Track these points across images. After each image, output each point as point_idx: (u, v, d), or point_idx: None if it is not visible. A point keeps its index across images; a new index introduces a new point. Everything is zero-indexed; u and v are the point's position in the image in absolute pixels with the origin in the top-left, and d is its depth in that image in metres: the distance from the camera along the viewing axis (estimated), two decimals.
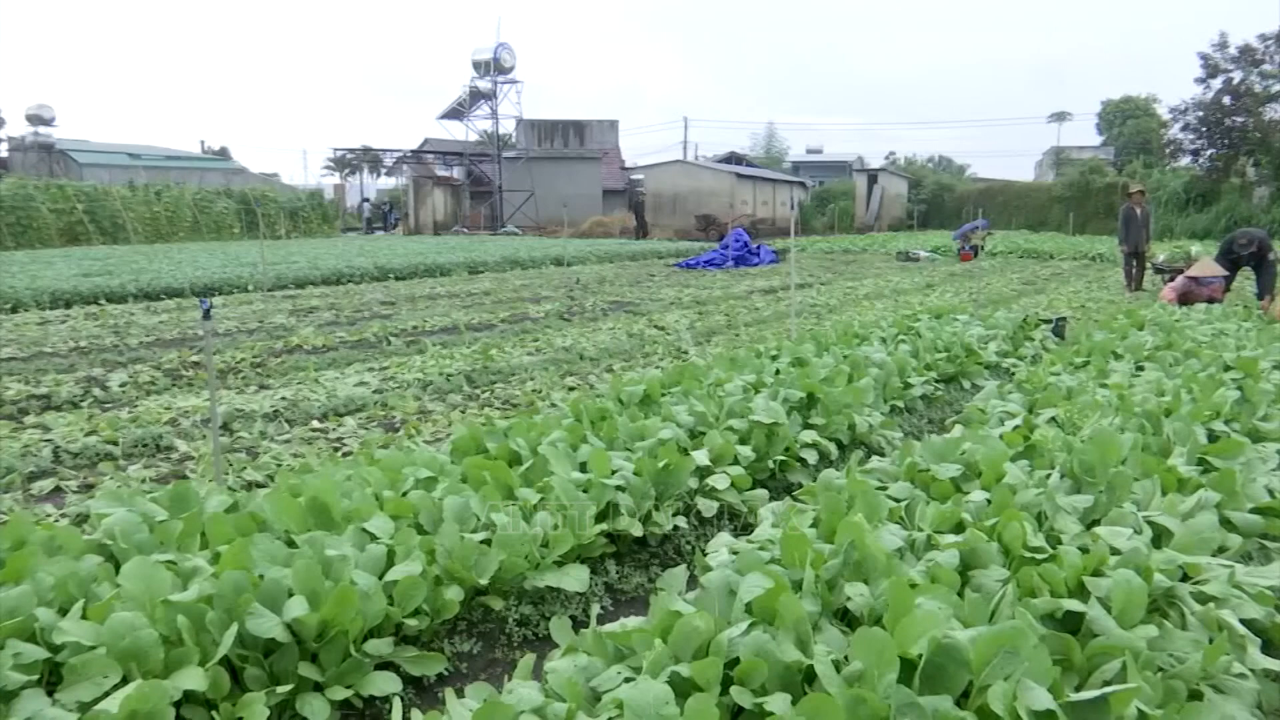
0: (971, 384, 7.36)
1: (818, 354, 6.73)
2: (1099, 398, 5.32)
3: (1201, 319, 9.37)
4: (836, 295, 14.88)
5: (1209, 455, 4.39)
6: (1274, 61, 34.46)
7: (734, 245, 22.85)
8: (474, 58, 44.96)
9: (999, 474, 3.81)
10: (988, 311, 10.50)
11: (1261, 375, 6.33)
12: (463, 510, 3.56)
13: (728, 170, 45.18)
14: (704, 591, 2.78)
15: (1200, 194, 35.82)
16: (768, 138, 70.00)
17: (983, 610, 2.60)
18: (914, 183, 51.23)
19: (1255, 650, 2.91)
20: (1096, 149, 57.72)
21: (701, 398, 5.24)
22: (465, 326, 10.91)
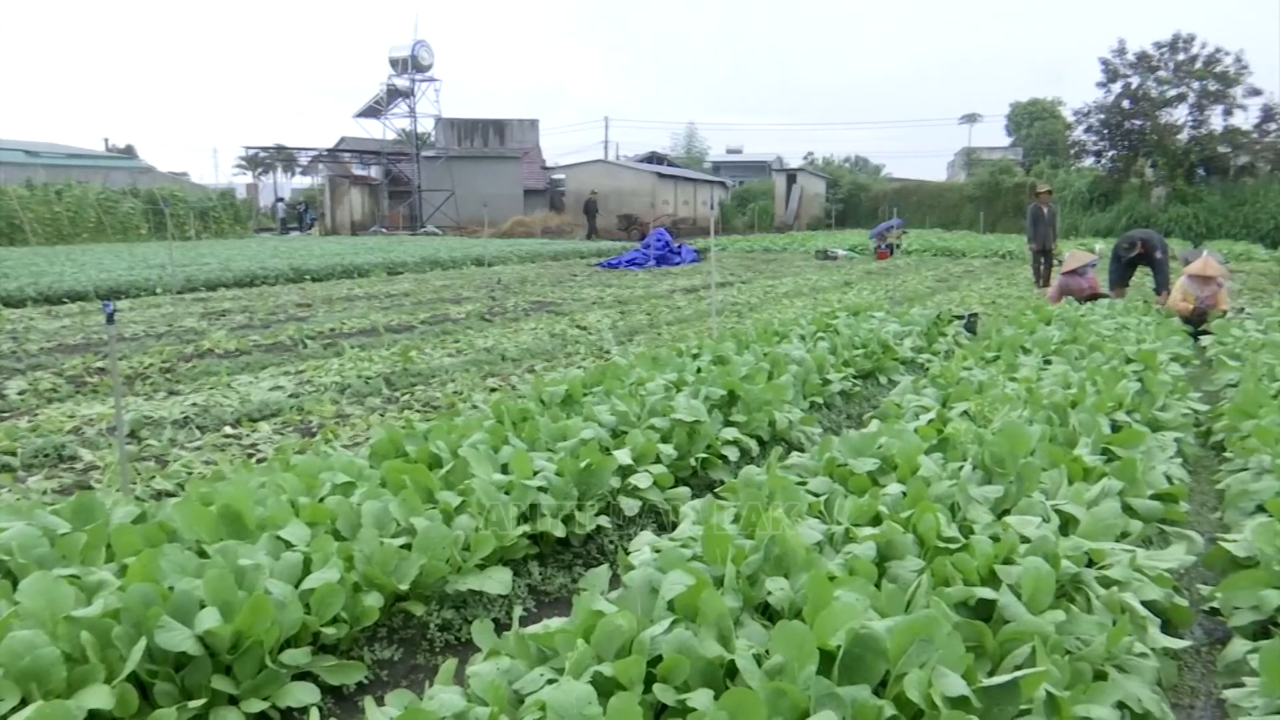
0: (888, 379, 7.52)
1: (739, 352, 6.80)
2: (1009, 391, 5.48)
3: (1105, 314, 9.73)
4: (757, 293, 15.05)
5: (1112, 445, 4.56)
6: (1168, 68, 35.98)
7: (655, 245, 22.94)
8: (391, 55, 44.23)
9: (914, 467, 3.89)
10: (903, 308, 10.74)
11: (1160, 367, 6.61)
12: (382, 515, 3.50)
13: (649, 170, 45.33)
14: (627, 590, 2.78)
15: (1103, 193, 37.21)
16: (688, 137, 70.42)
17: (899, 600, 2.66)
18: (832, 182, 52.06)
19: (1155, 630, 3.04)
20: (1006, 149, 59.43)
21: (623, 397, 5.25)
22: (384, 328, 10.74)
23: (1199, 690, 3.13)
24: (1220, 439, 5.64)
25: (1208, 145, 35.35)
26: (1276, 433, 4.76)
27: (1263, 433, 4.84)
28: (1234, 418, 5.50)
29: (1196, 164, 35.76)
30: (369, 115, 46.05)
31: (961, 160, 61.63)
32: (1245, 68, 34.97)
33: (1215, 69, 35.17)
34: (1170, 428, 5.43)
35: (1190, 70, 35.50)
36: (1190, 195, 35.17)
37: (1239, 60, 34.98)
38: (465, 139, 49.06)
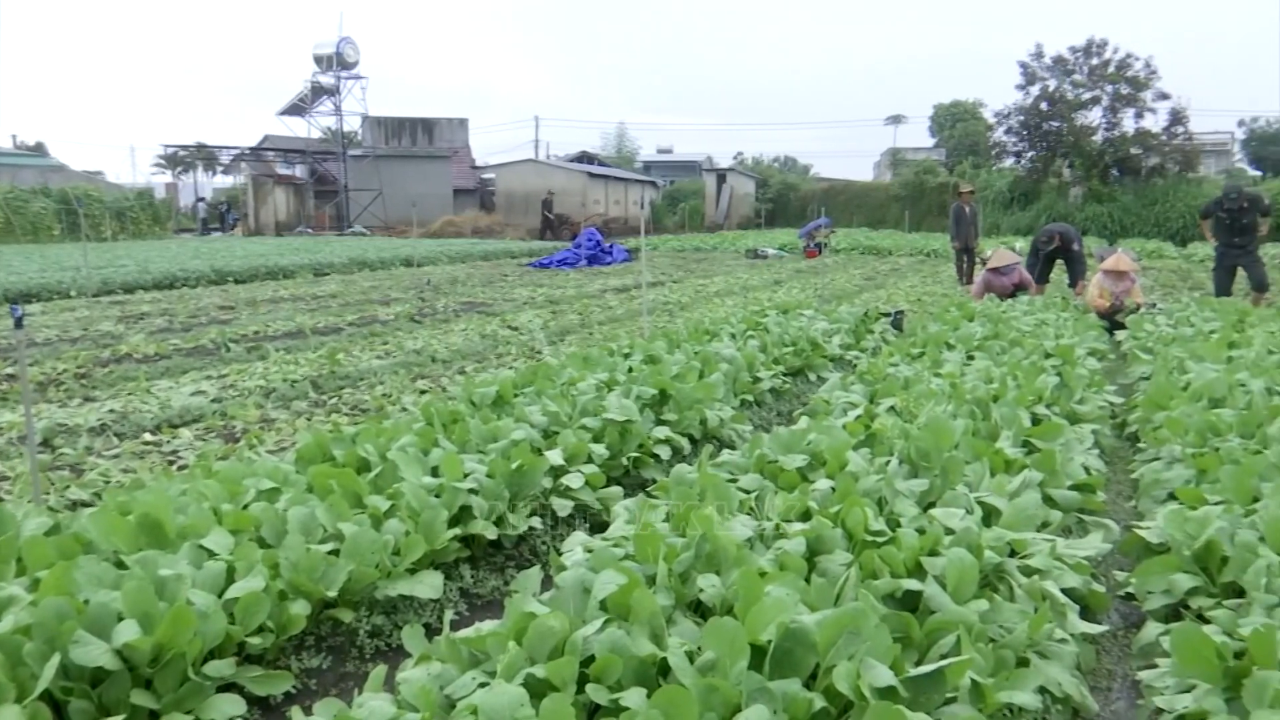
0: (817, 376, 7.62)
1: (670, 351, 6.83)
2: (934, 386, 5.60)
3: (1025, 310, 10.00)
4: (688, 293, 15.13)
5: (1032, 437, 4.69)
6: (1083, 71, 37.16)
7: (587, 244, 22.93)
8: (315, 52, 43.42)
9: (842, 462, 3.95)
10: (831, 306, 10.90)
11: (1077, 362, 6.81)
12: (308, 521, 3.44)
13: (580, 169, 45.24)
14: (559, 591, 2.77)
15: (1023, 193, 38.28)
16: (619, 137, 70.47)
17: (828, 594, 2.70)
18: (761, 182, 52.58)
19: (1074, 616, 3.14)
20: (930, 150, 60.64)
21: (555, 397, 5.23)
22: (311, 330, 10.54)
23: (1116, 673, 3.23)
24: (1134, 430, 5.84)
25: (1121, 147, 36.59)
26: (1186, 423, 4.94)
27: (1173, 423, 5.02)
28: (1147, 409, 5.70)
29: (1111, 165, 37.01)
30: (293, 113, 45.16)
31: (887, 160, 62.71)
32: (1154, 72, 36.33)
33: (1127, 73, 36.44)
34: (1087, 420, 5.60)
35: (1104, 74, 36.73)
36: (1105, 195, 36.38)
37: (1148, 65, 36.32)
38: (393, 138, 48.42)
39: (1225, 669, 2.54)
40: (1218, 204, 12.34)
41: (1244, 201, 11.96)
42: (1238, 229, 12.05)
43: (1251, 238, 12.11)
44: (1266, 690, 2.27)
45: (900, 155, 60.29)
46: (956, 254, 16.42)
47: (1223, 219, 12.14)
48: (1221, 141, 57.14)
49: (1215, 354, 7.04)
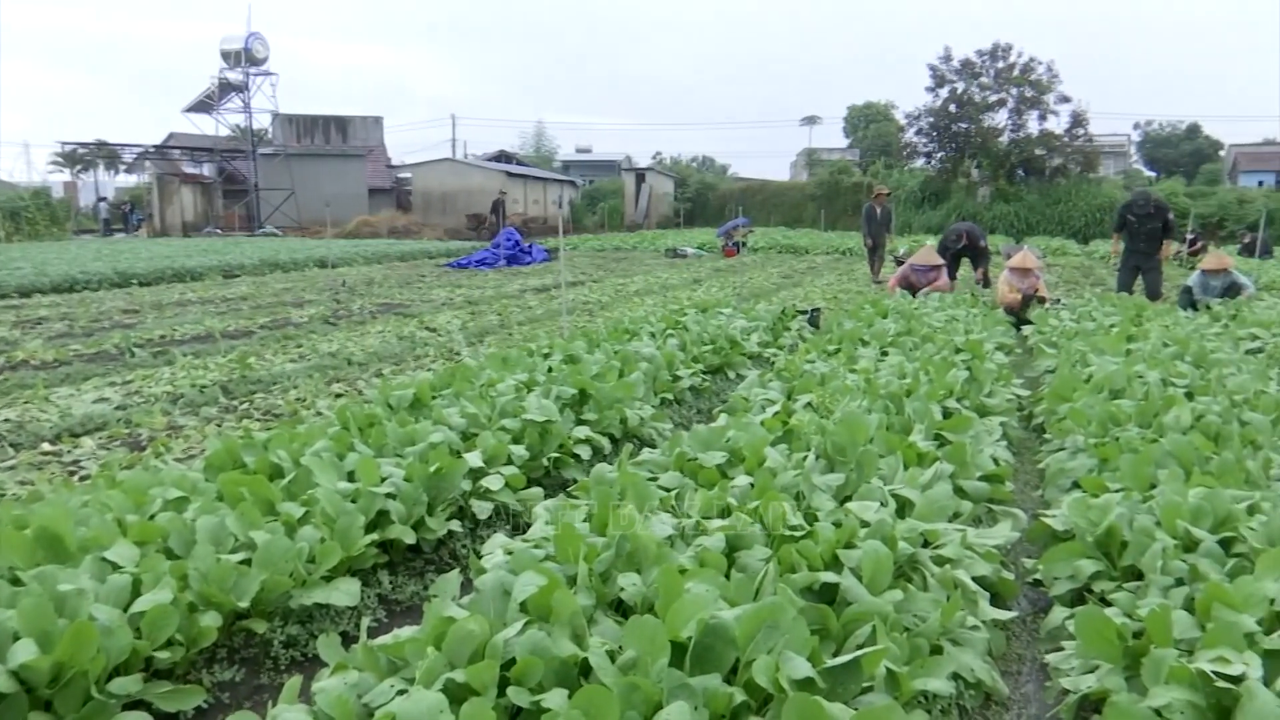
0: (736, 374, 7.70)
1: (589, 351, 6.82)
2: (849, 382, 5.70)
3: (936, 306, 10.25)
4: (608, 292, 15.13)
5: (944, 430, 4.81)
6: (989, 74, 38.35)
7: (506, 244, 22.76)
8: (222, 47, 42.16)
9: (761, 459, 4.00)
10: (750, 305, 11.03)
11: (986, 356, 7.02)
12: (218, 530, 3.34)
13: (498, 169, 44.88)
14: (479, 594, 2.74)
15: (934, 192, 39.31)
16: (537, 136, 70.14)
17: (748, 589, 2.72)
18: (680, 181, 52.88)
19: (985, 603, 3.23)
20: (844, 150, 61.79)
21: (473, 399, 5.18)
22: (220, 334, 10.24)
23: (1025, 657, 3.33)
24: (1040, 421, 6.04)
25: (1025, 148, 37.87)
26: (1089, 414, 5.13)
27: (1077, 414, 5.20)
28: (1052, 401, 5.89)
29: (1016, 165, 38.27)
30: (200, 110, 43.78)
31: (803, 160, 63.64)
32: (1056, 76, 37.74)
33: (1030, 77, 37.74)
34: (996, 413, 5.77)
35: (1009, 77, 37.96)
36: (1011, 194, 37.60)
37: (1050, 69, 37.69)
38: (305, 136, 47.35)
39: (1125, 649, 2.65)
40: (1127, 208, 12.84)
41: (1151, 207, 12.50)
42: (1143, 234, 12.59)
43: (1156, 245, 12.61)
44: (1162, 668, 2.37)
45: (816, 155, 61.29)
46: (869, 252, 16.78)
47: (1131, 222, 12.67)
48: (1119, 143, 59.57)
49: (1115, 347, 7.32)
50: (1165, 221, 12.45)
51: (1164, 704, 2.27)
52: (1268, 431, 4.75)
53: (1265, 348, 8.51)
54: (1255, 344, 8.78)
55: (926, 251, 12.91)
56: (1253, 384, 5.88)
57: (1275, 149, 57.55)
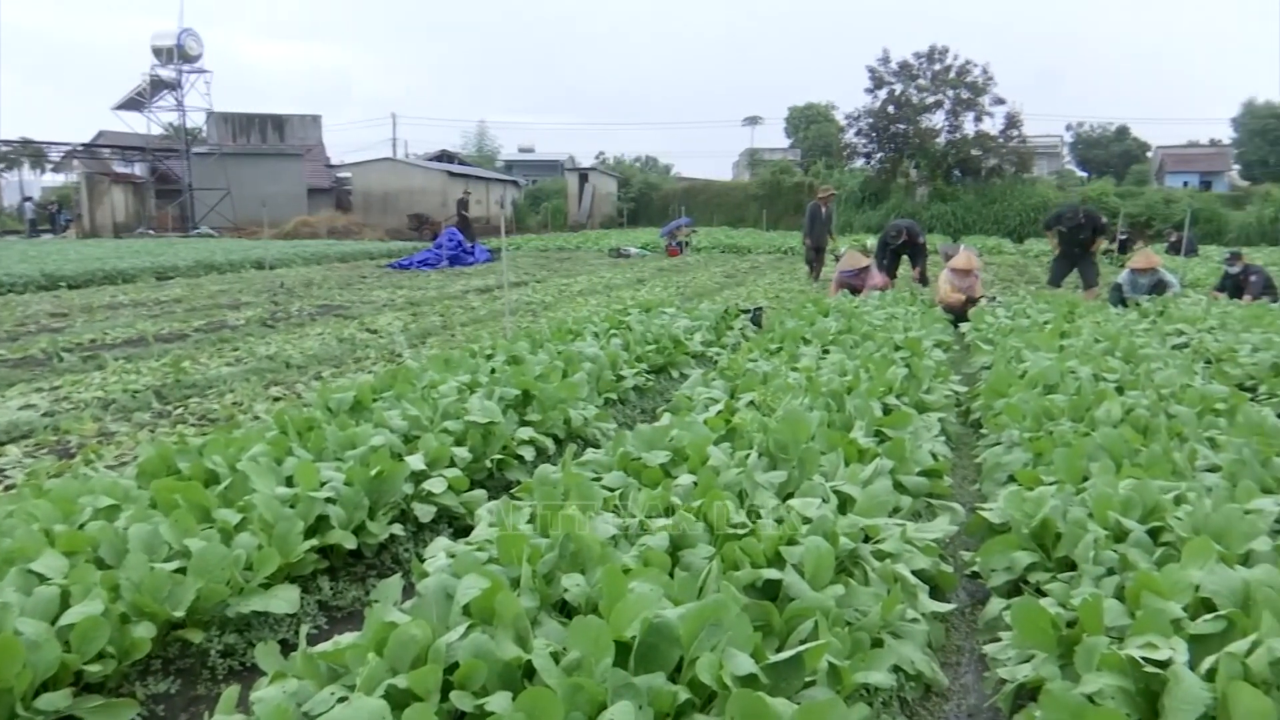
0: (679, 373, 7.72)
1: (533, 351, 6.80)
2: (791, 380, 5.76)
3: (876, 305, 10.40)
4: (551, 292, 15.09)
5: (884, 427, 4.88)
6: (926, 76, 39.02)
7: (448, 244, 22.55)
8: (154, 43, 41.07)
9: (704, 457, 4.02)
10: (693, 304, 11.08)
11: (924, 353, 7.13)
12: (152, 539, 3.26)
13: (439, 168, 44.44)
14: (421, 599, 2.72)
15: (873, 192, 39.88)
16: (479, 136, 69.59)
17: (691, 587, 2.73)
18: (623, 181, 52.86)
19: (924, 596, 3.28)
20: (786, 150, 62.32)
21: (415, 401, 5.13)
22: (154, 337, 9.99)
23: (964, 648, 3.40)
24: (978, 417, 6.15)
25: (962, 149, 38.60)
26: (1024, 409, 5.24)
27: (1012, 410, 5.32)
28: (988, 397, 6.01)
29: (953, 165, 38.99)
30: (131, 108, 42.62)
31: (745, 161, 64.07)
32: (991, 79, 38.51)
33: (966, 79, 38.47)
34: (935, 409, 5.87)
35: (945, 79, 38.67)
36: (949, 194, 38.30)
37: (986, 72, 38.46)
38: (241, 135, 46.39)
39: (1060, 638, 2.71)
40: (1058, 218, 13.35)
41: (1080, 218, 13.02)
42: (1075, 242, 13.22)
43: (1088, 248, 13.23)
44: (1094, 655, 2.43)
45: (758, 156, 61.74)
46: (809, 252, 16.93)
47: (1063, 232, 13.28)
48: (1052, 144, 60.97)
49: (1049, 344, 7.50)
50: (1095, 228, 12.95)
51: (1096, 690, 2.32)
52: (1193, 424, 4.90)
53: (1190, 343, 8.79)
54: (1181, 339, 9.06)
55: (851, 256, 13.12)
56: (1179, 378, 6.07)
57: (1199, 151, 59.45)
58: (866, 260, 13.06)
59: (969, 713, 2.99)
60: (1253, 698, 2.07)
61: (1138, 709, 2.31)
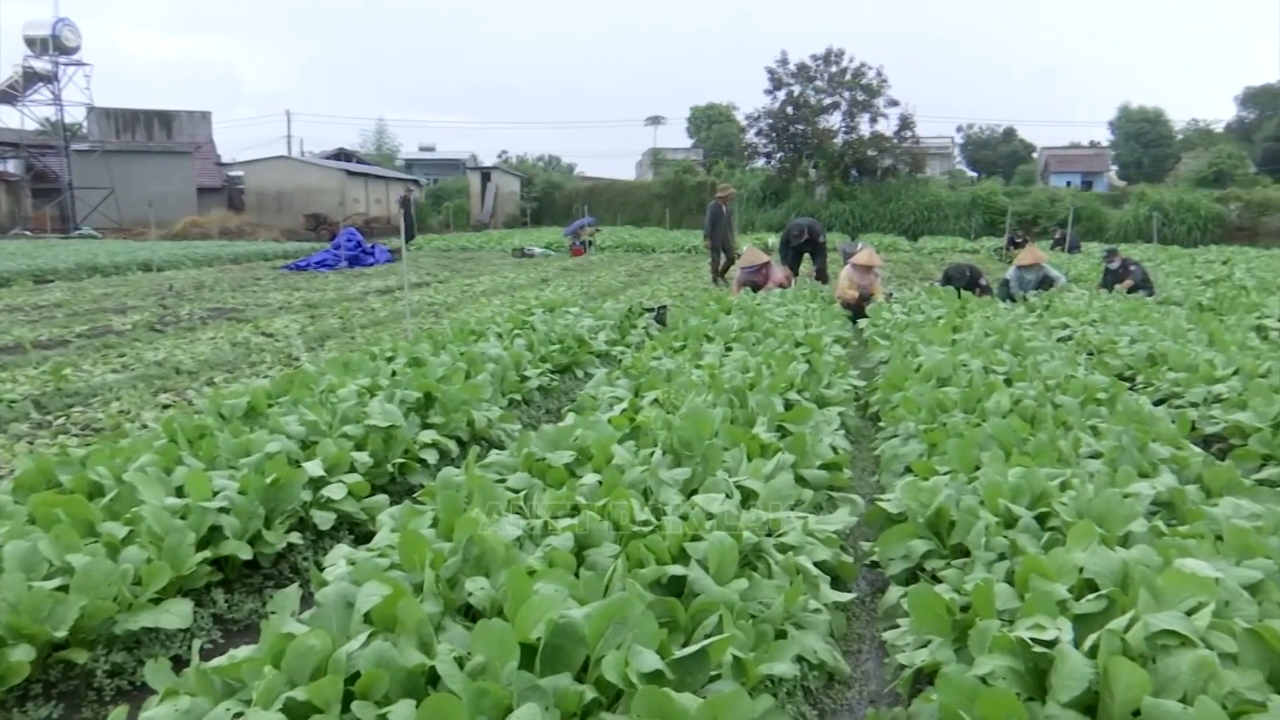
0: (584, 372, 7.72)
1: (435, 353, 6.70)
2: (694, 378, 5.81)
3: (777, 302, 10.58)
4: (454, 293, 14.90)
5: (785, 422, 4.96)
6: (823, 78, 39.86)
7: (346, 245, 22.05)
8: (26, 33, 39.05)
9: (608, 456, 4.02)
10: (597, 303, 11.08)
11: (824, 349, 7.28)
12: (30, 556, 3.10)
13: (337, 167, 43.45)
14: (320, 608, 2.65)
15: (774, 191, 40.56)
16: (378, 134, 68.26)
17: (597, 587, 2.73)
18: (526, 181, 52.55)
19: (826, 587, 3.35)
20: (688, 150, 62.88)
21: (313, 406, 5.00)
22: (31, 344, 9.50)
23: (865, 635, 3.48)
24: (876, 410, 6.31)
25: (858, 149, 39.57)
26: (919, 402, 5.40)
27: (909, 403, 5.47)
28: (885, 391, 6.17)
29: (850, 165, 39.93)
30: (3, 101, 40.47)
31: (649, 160, 64.38)
32: (885, 81, 39.59)
33: (862, 81, 39.44)
34: (834, 403, 5.99)
35: (842, 81, 39.58)
36: (847, 193, 39.22)
37: (880, 74, 39.51)
38: (125, 131, 44.57)
39: (954, 623, 2.80)
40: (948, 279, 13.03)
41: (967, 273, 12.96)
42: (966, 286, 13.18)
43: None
44: (987, 638, 2.52)
45: (661, 155, 62.10)
46: (712, 252, 17.10)
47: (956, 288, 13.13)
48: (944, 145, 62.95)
49: (942, 338, 7.74)
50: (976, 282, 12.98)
51: (988, 672, 2.40)
52: (1077, 413, 5.12)
53: (1074, 336, 9.19)
54: (1066, 332, 9.47)
55: (751, 253, 13.32)
56: (1063, 369, 6.34)
57: (1081, 152, 62.25)
58: (766, 258, 13.26)
59: (870, 699, 3.06)
60: (1130, 671, 2.17)
61: (1027, 687, 2.40)
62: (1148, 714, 2.12)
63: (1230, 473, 4.15)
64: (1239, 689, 2.18)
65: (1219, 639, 2.35)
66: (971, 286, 12.34)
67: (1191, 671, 2.23)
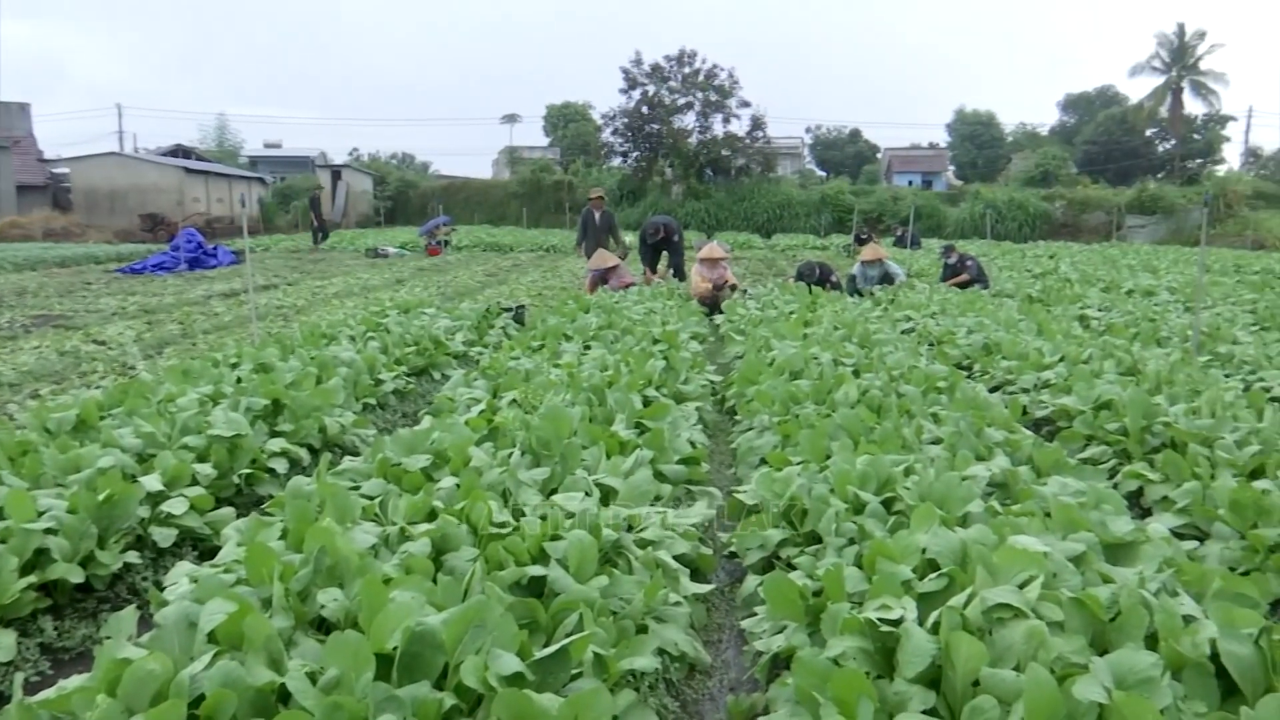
0: (441, 374, 7.59)
1: (283, 357, 6.45)
2: (553, 377, 5.80)
3: (635, 300, 10.67)
4: (304, 295, 14.39)
5: (644, 419, 5.01)
6: (677, 79, 40.44)
7: (186, 247, 20.95)
8: None
9: (466, 459, 3.97)
10: (454, 304, 10.92)
11: (681, 346, 7.39)
12: None
13: (175, 164, 41.25)
14: (160, 630, 2.51)
15: (631, 190, 40.92)
16: (219, 130, 65.13)
17: (455, 591, 2.69)
18: (379, 179, 51.20)
19: (686, 580, 3.40)
20: (545, 149, 62.63)
21: (150, 417, 4.73)
22: None
23: (725, 625, 3.55)
24: (732, 404, 6.45)
25: (712, 149, 40.36)
26: (772, 395, 5.55)
27: (763, 396, 5.61)
28: (741, 385, 6.31)
29: (705, 165, 40.69)
30: None
31: (505, 159, 63.84)
32: (737, 82, 40.50)
33: (714, 82, 40.22)
34: (692, 399, 6.09)
35: (695, 82, 40.26)
36: (702, 192, 39.96)
37: (732, 75, 40.40)
38: None
39: (808, 607, 2.89)
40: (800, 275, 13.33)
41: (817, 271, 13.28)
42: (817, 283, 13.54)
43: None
44: (837, 620, 2.61)
45: (517, 154, 61.70)
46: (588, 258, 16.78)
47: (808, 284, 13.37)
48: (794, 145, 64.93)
49: (794, 333, 7.98)
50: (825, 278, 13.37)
51: (840, 653, 2.49)
52: (919, 401, 5.37)
53: (917, 328, 9.64)
54: (909, 325, 9.93)
55: (600, 255, 13.39)
56: (907, 360, 6.64)
57: (921, 153, 65.32)
58: (616, 260, 13.35)
59: (730, 687, 3.13)
60: (969, 644, 2.30)
61: (877, 666, 2.50)
62: (985, 683, 2.24)
63: (1057, 453, 4.44)
64: (1065, 654, 2.34)
65: (1048, 609, 2.51)
66: (822, 283, 12.77)
67: (1023, 641, 2.37)
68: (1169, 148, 55.97)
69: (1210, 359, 7.69)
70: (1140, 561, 3.02)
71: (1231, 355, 7.68)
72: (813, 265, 13.41)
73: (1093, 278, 15.68)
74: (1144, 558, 3.04)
